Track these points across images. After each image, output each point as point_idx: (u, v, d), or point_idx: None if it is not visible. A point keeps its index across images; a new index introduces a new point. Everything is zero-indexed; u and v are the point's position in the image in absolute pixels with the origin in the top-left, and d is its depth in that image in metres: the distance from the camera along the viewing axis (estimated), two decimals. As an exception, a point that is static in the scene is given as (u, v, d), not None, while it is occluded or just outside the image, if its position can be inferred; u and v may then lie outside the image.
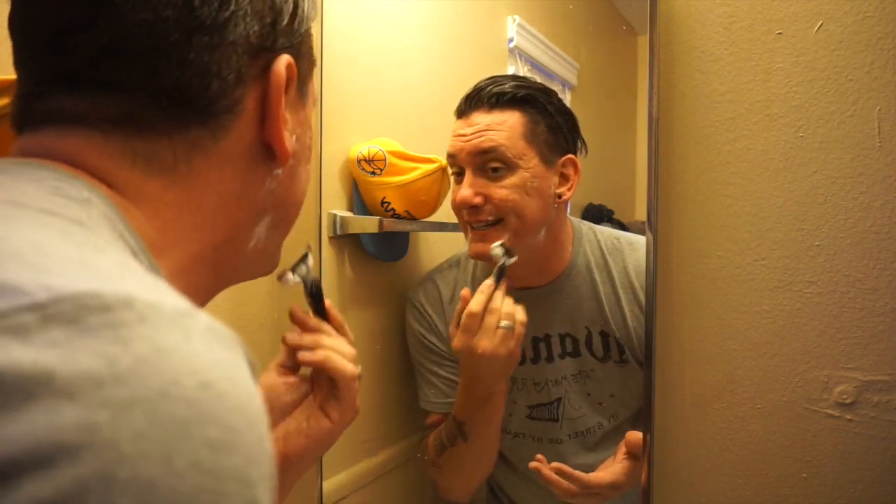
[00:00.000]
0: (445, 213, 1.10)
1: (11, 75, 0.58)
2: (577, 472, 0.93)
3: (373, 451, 1.09)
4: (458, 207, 0.95)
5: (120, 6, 0.34)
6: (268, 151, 0.42)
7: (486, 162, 0.92)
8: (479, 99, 0.94)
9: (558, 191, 0.95)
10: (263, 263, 0.49)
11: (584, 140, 0.99)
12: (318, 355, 0.62)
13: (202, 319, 0.25)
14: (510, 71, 1.22)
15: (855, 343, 0.71)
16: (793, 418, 0.74)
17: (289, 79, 0.41)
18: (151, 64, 0.35)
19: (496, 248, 0.90)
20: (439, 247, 1.23)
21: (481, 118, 0.93)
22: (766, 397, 0.75)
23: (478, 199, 0.92)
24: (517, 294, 1.01)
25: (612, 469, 0.93)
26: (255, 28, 0.39)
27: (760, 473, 0.76)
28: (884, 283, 0.69)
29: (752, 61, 0.74)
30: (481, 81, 0.96)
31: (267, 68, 0.40)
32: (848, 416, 0.71)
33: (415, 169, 1.02)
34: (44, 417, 0.20)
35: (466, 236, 0.98)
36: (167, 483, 0.20)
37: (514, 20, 1.22)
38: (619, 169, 1.15)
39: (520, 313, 0.89)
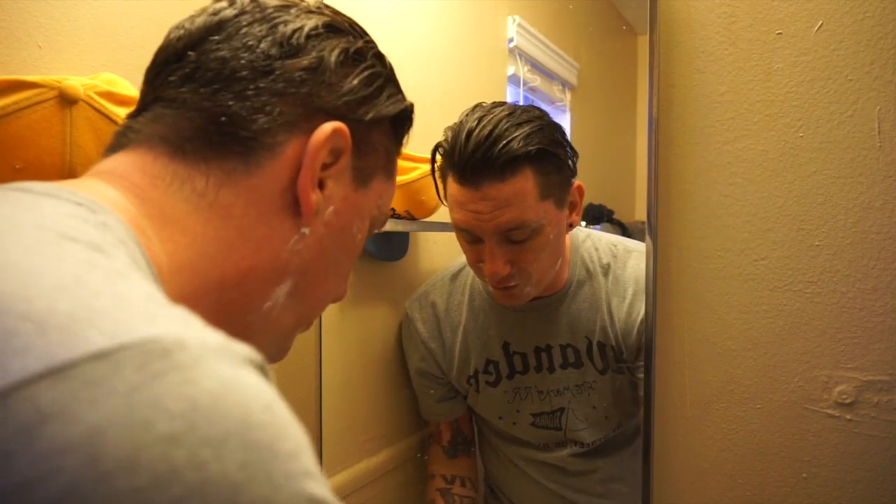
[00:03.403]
0: (445, 213, 1.10)
1: (11, 75, 0.58)
2: None
3: (373, 451, 1.09)
4: (488, 278, 0.90)
5: (210, 43, 0.43)
6: (297, 206, 0.43)
7: (510, 234, 0.85)
8: (489, 166, 0.81)
9: (569, 221, 0.92)
10: (274, 340, 0.48)
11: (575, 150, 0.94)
12: None
13: (237, 348, 0.27)
14: (510, 71, 1.22)
15: (855, 343, 0.71)
16: (793, 418, 0.74)
17: (339, 148, 0.44)
18: (214, 90, 0.41)
19: None
20: (439, 247, 1.23)
21: (496, 191, 0.82)
22: (766, 397, 0.75)
23: (507, 268, 0.87)
24: (521, 306, 1.01)
25: None
26: (324, 94, 0.44)
27: (760, 473, 0.76)
28: (884, 283, 0.69)
29: (752, 61, 0.74)
30: (479, 134, 0.81)
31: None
32: (848, 416, 0.71)
33: (415, 169, 1.02)
34: (163, 465, 0.21)
35: (483, 284, 0.99)
36: (278, 498, 0.23)
37: (514, 20, 1.22)
38: (619, 169, 1.15)
39: None
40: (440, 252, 1.22)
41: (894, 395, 0.69)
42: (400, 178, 1.02)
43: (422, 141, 1.13)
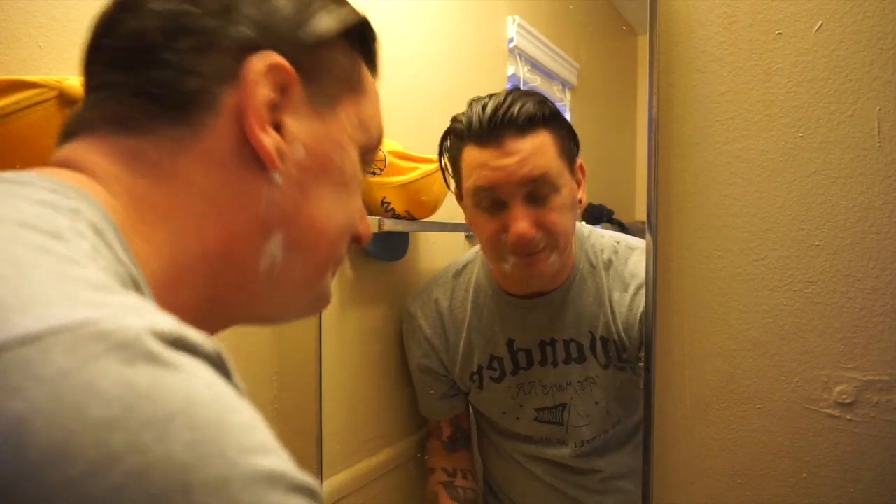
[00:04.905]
0: (445, 213, 1.10)
1: (11, 75, 0.58)
2: None
3: (373, 451, 1.09)
4: (515, 242, 0.88)
5: (118, 21, 0.41)
6: (257, 154, 0.41)
7: (535, 189, 0.87)
8: (510, 123, 0.86)
9: (578, 197, 0.94)
10: (297, 296, 0.47)
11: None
12: None
13: (188, 335, 0.26)
14: (510, 71, 1.22)
15: (855, 343, 0.71)
16: (793, 418, 0.74)
17: (283, 81, 0.41)
18: (135, 65, 0.40)
19: None
20: (439, 247, 1.23)
21: (518, 144, 0.86)
22: (766, 397, 0.75)
23: (534, 230, 0.87)
24: (526, 302, 1.01)
25: None
26: (246, 31, 0.41)
27: (760, 473, 0.76)
28: (884, 283, 0.69)
29: (752, 61, 0.74)
30: (496, 103, 0.87)
31: None
32: (848, 416, 0.71)
33: (415, 169, 1.02)
34: (98, 451, 0.20)
35: (501, 263, 0.93)
36: (234, 475, 0.22)
37: (514, 20, 1.22)
38: (619, 169, 1.15)
39: None
40: (440, 252, 1.22)
41: (894, 395, 0.69)
42: (399, 178, 1.02)
43: (422, 141, 1.13)
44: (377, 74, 0.54)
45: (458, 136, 0.92)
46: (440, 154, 0.97)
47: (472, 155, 0.89)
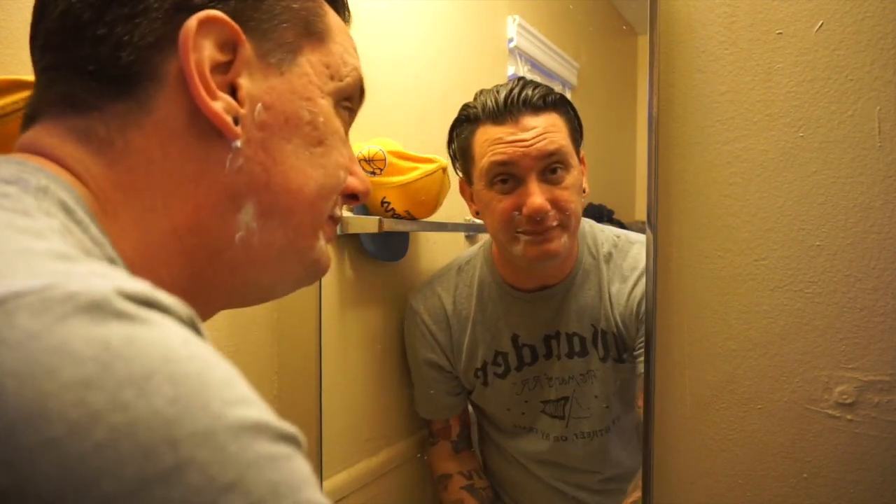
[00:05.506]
0: (445, 213, 1.10)
1: (11, 75, 0.58)
2: None
3: (373, 451, 1.09)
4: (530, 216, 0.90)
5: (47, 6, 0.39)
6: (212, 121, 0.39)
7: (549, 165, 0.91)
8: (526, 102, 0.91)
9: (584, 185, 0.97)
10: (286, 263, 0.44)
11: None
12: None
13: (159, 297, 0.26)
14: (510, 71, 1.22)
15: (855, 343, 0.71)
16: (793, 418, 0.74)
17: (228, 39, 0.39)
18: (69, 45, 0.38)
19: None
20: (439, 247, 1.23)
21: (534, 121, 0.91)
22: (766, 397, 0.75)
23: (548, 205, 0.90)
24: (530, 296, 1.01)
25: None
26: None
27: (760, 473, 0.76)
28: (884, 283, 0.69)
29: (753, 61, 0.74)
30: (510, 86, 0.92)
31: None
32: (848, 416, 0.71)
33: (415, 169, 1.02)
34: (78, 411, 0.20)
35: (512, 244, 0.94)
36: (219, 427, 0.22)
37: (514, 20, 1.22)
38: (619, 169, 1.15)
39: None
40: (440, 252, 1.22)
41: (894, 395, 0.69)
42: (400, 179, 1.02)
43: (422, 141, 1.13)
44: (347, 16, 0.49)
45: (470, 120, 0.95)
46: (450, 142, 0.99)
47: (488, 133, 0.92)
